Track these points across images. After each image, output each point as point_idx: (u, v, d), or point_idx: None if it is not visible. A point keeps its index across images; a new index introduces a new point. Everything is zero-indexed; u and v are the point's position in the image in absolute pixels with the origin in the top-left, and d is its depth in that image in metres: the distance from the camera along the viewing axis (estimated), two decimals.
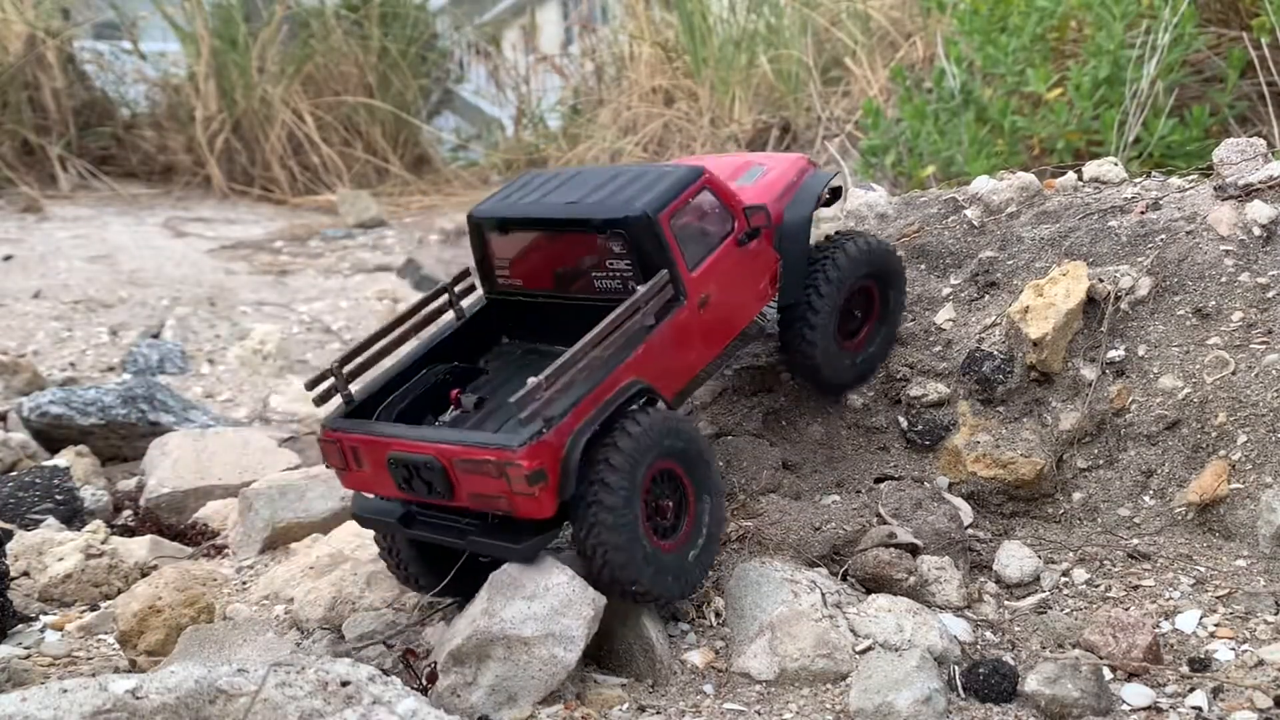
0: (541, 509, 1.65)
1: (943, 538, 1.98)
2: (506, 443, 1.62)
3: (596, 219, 1.84)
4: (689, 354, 1.91)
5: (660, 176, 1.89)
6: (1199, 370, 2.13)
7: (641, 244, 1.82)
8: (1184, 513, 2.05)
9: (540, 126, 10.13)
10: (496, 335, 2.08)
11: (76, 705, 1.36)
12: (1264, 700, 1.58)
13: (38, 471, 2.84)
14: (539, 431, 1.62)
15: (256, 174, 9.20)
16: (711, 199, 1.93)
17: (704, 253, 1.90)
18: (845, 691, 1.66)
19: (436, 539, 1.80)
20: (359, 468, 1.80)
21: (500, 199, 1.99)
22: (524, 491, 1.61)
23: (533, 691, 1.63)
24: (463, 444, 1.66)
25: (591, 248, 1.88)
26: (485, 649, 1.63)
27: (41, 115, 8.64)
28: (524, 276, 2.00)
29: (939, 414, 2.24)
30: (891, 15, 6.42)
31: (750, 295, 2.03)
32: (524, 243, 1.97)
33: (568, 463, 1.65)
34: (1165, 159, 3.67)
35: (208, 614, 2.10)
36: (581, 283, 1.94)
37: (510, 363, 2.03)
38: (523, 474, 1.60)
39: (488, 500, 1.68)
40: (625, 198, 1.84)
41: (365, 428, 1.80)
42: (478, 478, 1.65)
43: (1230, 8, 4.09)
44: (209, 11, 9.12)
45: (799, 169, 2.19)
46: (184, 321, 4.91)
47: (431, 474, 1.68)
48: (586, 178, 1.96)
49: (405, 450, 1.71)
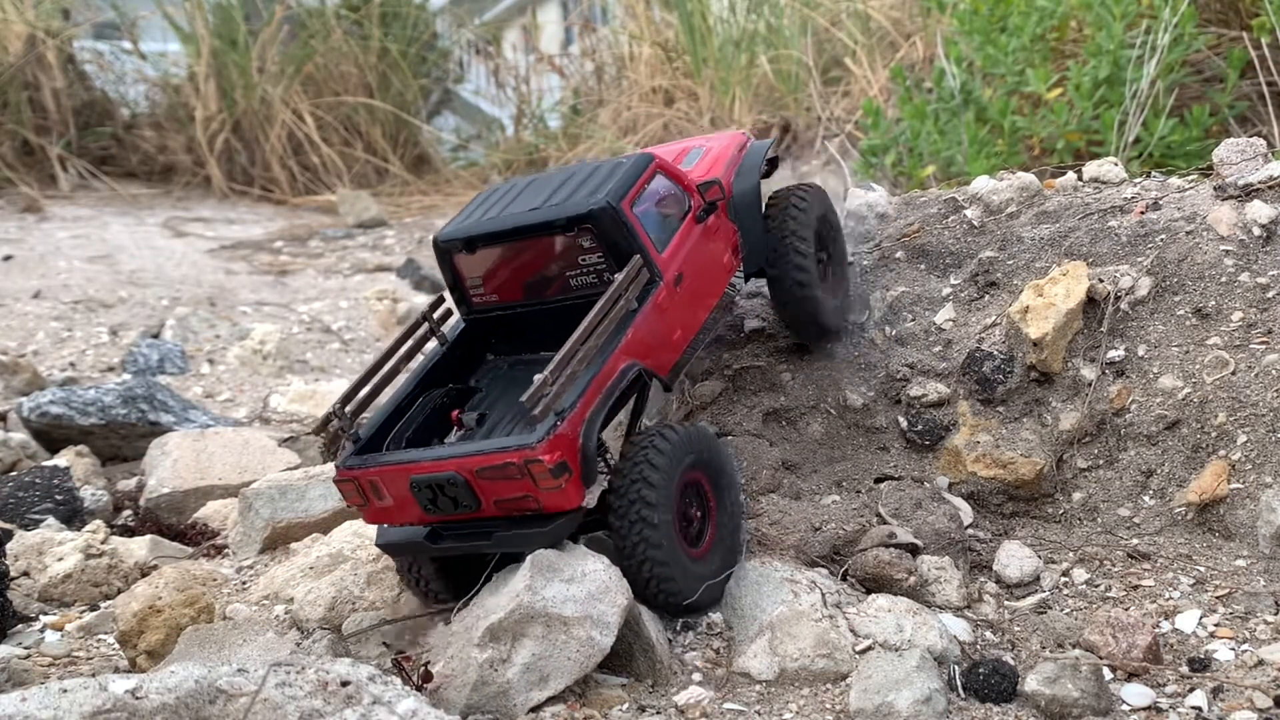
0: (569, 499, 1.70)
1: (943, 538, 1.98)
2: (525, 442, 1.66)
3: (561, 219, 1.89)
4: (673, 331, 1.97)
5: (613, 169, 1.96)
6: (1199, 370, 2.13)
7: (610, 234, 1.87)
8: (1184, 513, 2.05)
9: (540, 126, 10.13)
10: (481, 354, 2.11)
11: (76, 705, 1.36)
12: (1264, 700, 1.58)
13: (38, 471, 2.83)
14: (553, 425, 1.67)
15: (256, 174, 9.20)
16: (665, 182, 2.01)
17: (668, 234, 1.98)
18: (845, 691, 1.65)
19: (466, 548, 1.82)
20: (380, 500, 1.82)
21: (461, 220, 2.03)
22: (551, 486, 1.67)
23: (566, 673, 1.63)
24: (482, 453, 1.70)
25: (561, 249, 1.93)
26: (524, 626, 1.63)
27: (41, 115, 8.63)
28: (498, 291, 2.04)
29: (939, 414, 2.24)
30: (891, 15, 6.42)
31: (718, 268, 2.10)
32: (493, 258, 2.00)
33: (586, 450, 1.70)
34: (1165, 159, 3.67)
35: (208, 614, 2.09)
36: (556, 286, 1.98)
37: (500, 377, 2.06)
38: (546, 469, 1.65)
39: (514, 503, 1.72)
40: (585, 194, 1.91)
41: (380, 460, 1.83)
42: (502, 483, 1.69)
43: (1230, 8, 4.09)
44: (209, 11, 9.12)
45: (738, 144, 2.28)
46: (184, 321, 4.91)
47: (456, 489, 1.72)
48: (541, 184, 2.01)
49: (426, 472, 1.74)
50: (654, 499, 1.72)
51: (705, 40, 7.39)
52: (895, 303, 2.41)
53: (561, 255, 1.94)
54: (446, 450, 1.79)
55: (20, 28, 8.40)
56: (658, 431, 1.79)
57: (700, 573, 1.80)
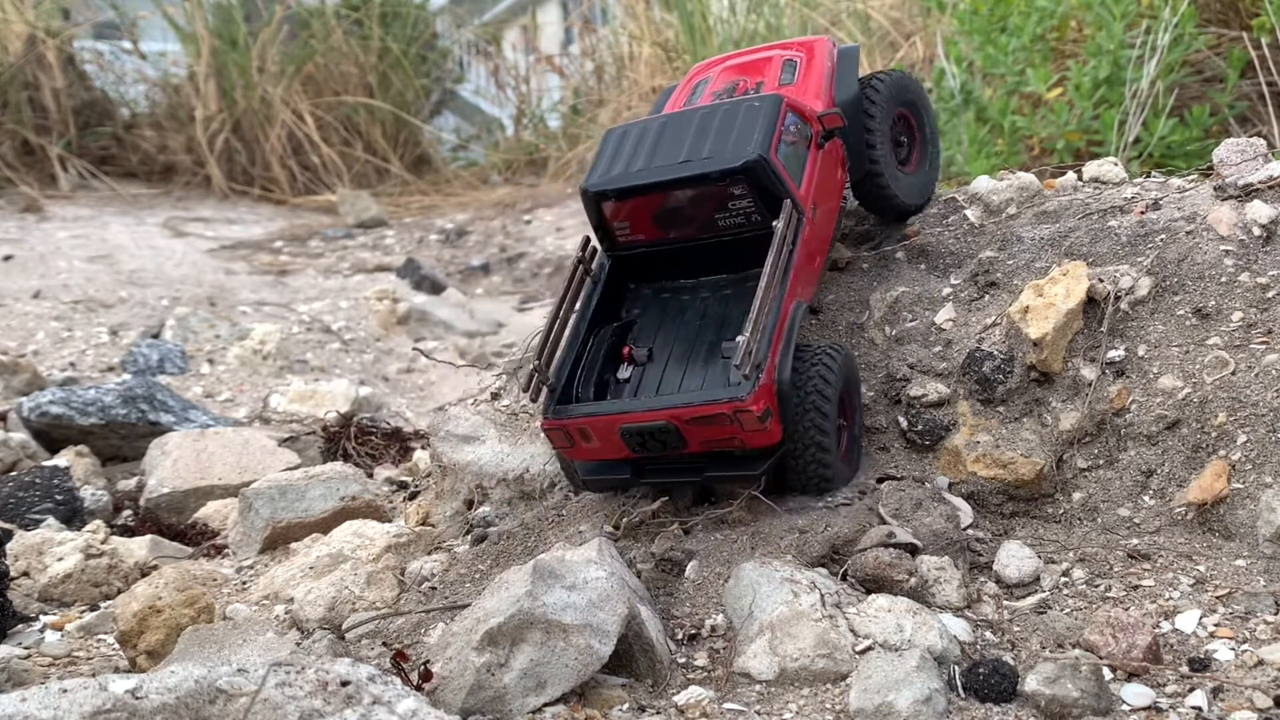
0: (772, 437, 1.92)
1: (942, 538, 1.98)
2: (735, 394, 1.86)
3: (715, 171, 2.01)
4: (815, 260, 2.17)
5: (751, 114, 2.08)
6: (1199, 370, 2.13)
7: (762, 183, 2.01)
8: (1184, 513, 2.05)
9: (540, 126, 10.13)
10: (624, 283, 2.25)
11: (76, 705, 1.36)
12: (1264, 700, 1.58)
13: (38, 471, 2.83)
14: (757, 378, 1.86)
15: (256, 174, 9.20)
16: (794, 119, 2.13)
17: (800, 167, 2.11)
18: (845, 691, 1.65)
19: (673, 481, 2.04)
20: (587, 443, 1.99)
21: (606, 169, 2.13)
22: (757, 428, 1.88)
23: (563, 680, 1.63)
24: (692, 404, 1.89)
25: (712, 195, 2.06)
26: (523, 631, 1.63)
27: (41, 115, 8.64)
28: (644, 231, 2.16)
29: (939, 414, 2.24)
30: (891, 15, 6.43)
31: (836, 186, 2.27)
32: (641, 203, 2.12)
33: (783, 392, 1.92)
34: (1165, 159, 3.68)
35: (208, 614, 2.09)
36: (703, 225, 2.12)
37: (651, 306, 2.21)
38: (754, 417, 1.86)
39: (720, 443, 1.92)
40: (734, 145, 2.03)
41: (589, 409, 1.99)
42: (711, 428, 1.89)
43: (1230, 8, 4.09)
44: (209, 11, 9.12)
45: (827, 51, 2.38)
46: (184, 321, 4.91)
47: (666, 435, 1.91)
48: (679, 131, 2.11)
49: (639, 421, 1.91)
50: (827, 409, 1.97)
51: (705, 40, 7.39)
52: (895, 303, 2.41)
53: (710, 200, 2.07)
54: (656, 402, 1.95)
55: (20, 28, 8.41)
56: (825, 350, 2.03)
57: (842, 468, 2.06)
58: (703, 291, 2.19)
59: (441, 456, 2.52)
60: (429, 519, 2.50)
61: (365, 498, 2.65)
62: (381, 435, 3.33)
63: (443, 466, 2.52)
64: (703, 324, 2.12)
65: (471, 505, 2.42)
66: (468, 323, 5.90)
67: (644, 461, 2.01)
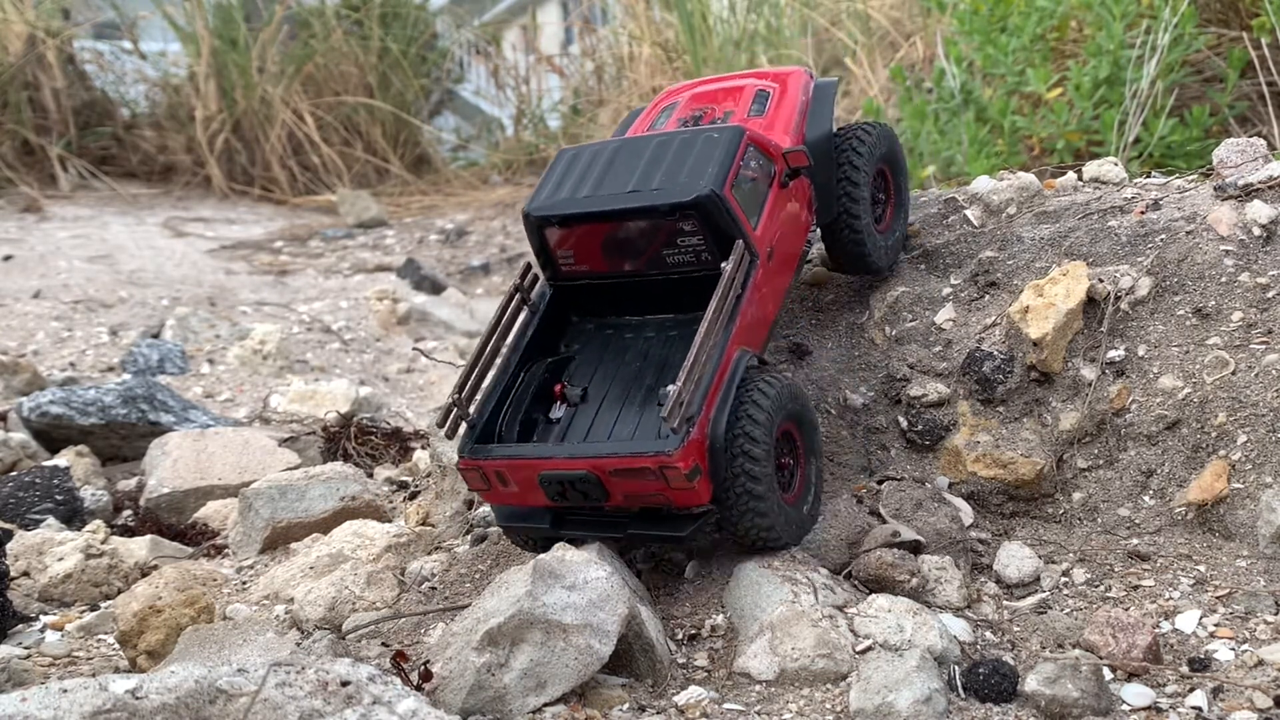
0: (700, 497, 1.75)
1: (943, 538, 1.98)
2: (661, 448, 1.71)
3: (664, 205, 1.86)
4: (768, 306, 1.99)
5: (708, 147, 1.91)
6: (1199, 370, 2.13)
7: (713, 220, 1.86)
8: (1184, 513, 2.05)
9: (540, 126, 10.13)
10: (567, 317, 2.11)
11: (76, 705, 1.36)
12: (1264, 700, 1.58)
13: (38, 471, 2.84)
14: (686, 432, 1.71)
15: (256, 174, 9.20)
16: (756, 153, 1.97)
17: (758, 206, 1.96)
18: (845, 691, 1.65)
19: (593, 536, 1.85)
20: (505, 487, 1.85)
21: (552, 192, 1.99)
22: (683, 486, 1.72)
23: (563, 680, 1.63)
24: (616, 455, 1.74)
25: (660, 229, 1.91)
26: (523, 631, 1.63)
27: (41, 115, 8.64)
28: (589, 262, 2.01)
29: (939, 414, 2.24)
30: (891, 15, 6.43)
31: (799, 229, 2.10)
32: (586, 233, 1.98)
33: (714, 449, 1.75)
34: (1165, 159, 3.68)
35: (208, 614, 2.10)
36: (651, 260, 1.97)
37: (591, 342, 2.07)
38: (681, 474, 1.70)
39: (644, 499, 1.77)
40: (686, 177, 1.87)
41: (507, 452, 1.84)
42: (635, 482, 1.74)
43: (1230, 8, 4.09)
44: (209, 11, 9.12)
45: (803, 85, 2.23)
46: (184, 321, 4.91)
47: (587, 485, 1.76)
48: (632, 158, 1.96)
49: (557, 469, 1.77)
50: (757, 451, 1.76)
51: (705, 40, 7.39)
52: (895, 303, 2.41)
53: (659, 235, 1.93)
54: (579, 449, 1.80)
55: (20, 28, 8.41)
56: (757, 383, 1.82)
57: (791, 514, 1.86)
58: (647, 330, 2.03)
59: (441, 456, 2.52)
60: (429, 519, 2.50)
61: (365, 498, 2.65)
62: (381, 435, 3.33)
63: (443, 466, 2.52)
64: (643, 366, 1.97)
65: (471, 505, 2.42)
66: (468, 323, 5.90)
67: (565, 511, 1.87)
